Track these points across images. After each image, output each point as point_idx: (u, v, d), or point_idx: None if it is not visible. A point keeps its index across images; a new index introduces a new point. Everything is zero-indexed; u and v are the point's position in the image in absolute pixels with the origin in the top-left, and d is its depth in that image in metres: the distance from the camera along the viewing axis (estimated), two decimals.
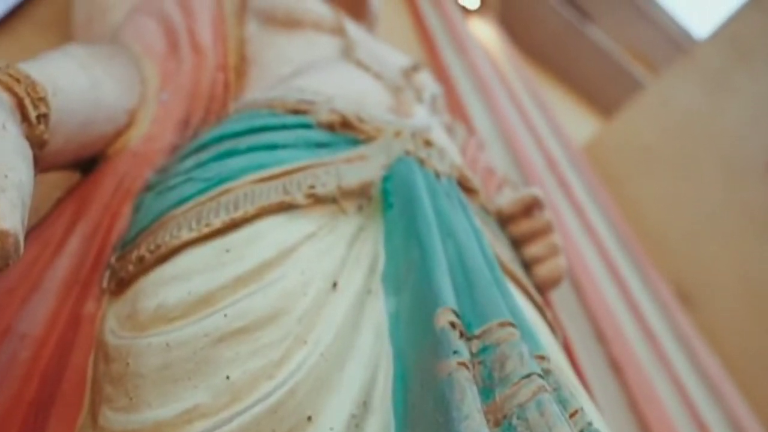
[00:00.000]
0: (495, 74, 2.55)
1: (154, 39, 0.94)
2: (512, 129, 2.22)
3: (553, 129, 2.52)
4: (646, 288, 2.13)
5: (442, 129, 1.06)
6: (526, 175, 2.03)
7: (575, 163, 2.39)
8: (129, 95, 0.82)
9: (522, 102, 2.54)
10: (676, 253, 2.55)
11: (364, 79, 0.95)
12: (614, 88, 3.91)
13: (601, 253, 2.00)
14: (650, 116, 2.79)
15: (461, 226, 0.70)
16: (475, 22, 2.97)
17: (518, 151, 2.10)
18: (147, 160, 0.80)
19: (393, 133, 0.82)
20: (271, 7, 1.11)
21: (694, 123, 2.61)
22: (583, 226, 2.03)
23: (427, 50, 2.53)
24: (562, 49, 3.77)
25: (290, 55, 1.02)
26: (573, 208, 2.11)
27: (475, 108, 2.23)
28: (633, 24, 4.06)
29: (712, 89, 2.59)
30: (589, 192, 2.29)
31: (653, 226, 2.63)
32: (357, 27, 1.27)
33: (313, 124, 0.79)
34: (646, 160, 2.76)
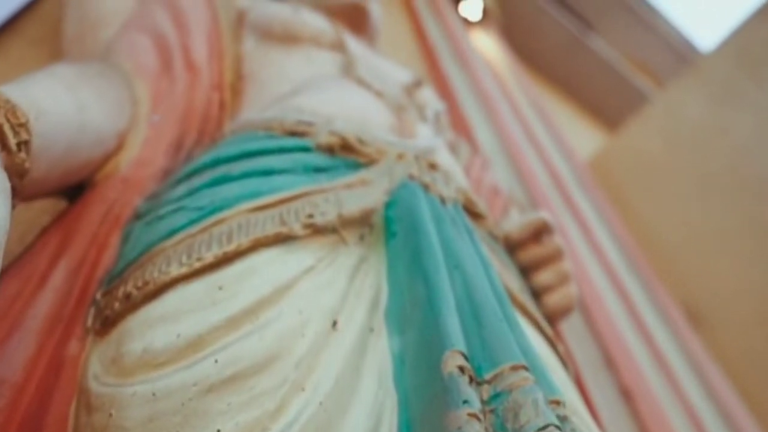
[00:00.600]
0: (498, 88, 2.53)
1: (147, 57, 0.92)
2: (516, 144, 2.19)
3: (558, 144, 2.49)
4: (655, 310, 2.09)
5: (446, 149, 1.03)
6: (531, 192, 2.00)
7: (581, 179, 2.36)
8: (119, 117, 0.79)
9: (525, 116, 2.51)
10: (685, 271, 2.52)
11: (365, 98, 0.93)
12: (618, 100, 3.89)
13: (609, 274, 1.96)
14: (657, 130, 2.76)
15: (468, 256, 0.67)
16: (477, 34, 2.95)
17: (522, 168, 2.08)
18: (137, 186, 0.77)
19: (396, 156, 0.79)
20: (268, 22, 1.09)
21: (702, 136, 2.58)
22: (589, 246, 2.00)
23: (429, 63, 2.51)
24: (565, 61, 3.76)
25: (288, 73, 1.00)
26: (579, 226, 2.08)
27: (478, 123, 2.21)
28: (636, 34, 4.05)
29: (719, 101, 2.56)
30: (595, 209, 2.26)
31: (661, 243, 2.59)
32: (357, 41, 1.25)
33: (312, 147, 0.77)
34: (653, 175, 2.73)
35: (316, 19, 1.14)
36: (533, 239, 0.93)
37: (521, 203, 1.56)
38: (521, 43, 3.49)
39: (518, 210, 1.48)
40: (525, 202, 1.99)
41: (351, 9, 1.35)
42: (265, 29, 1.08)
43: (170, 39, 0.96)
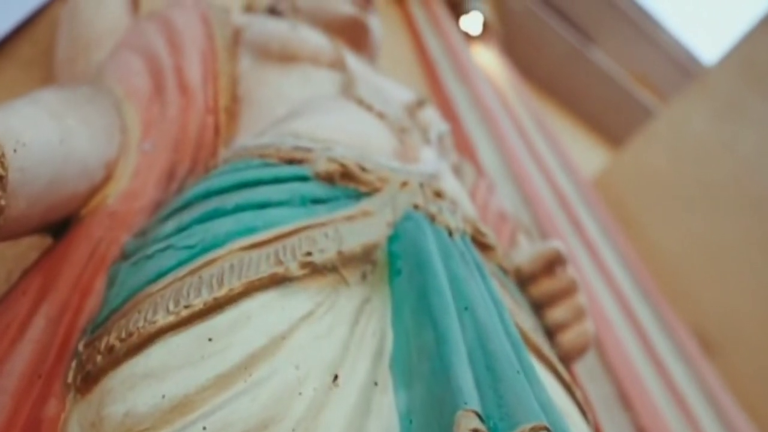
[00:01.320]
0: (500, 105, 2.49)
1: (138, 80, 0.87)
2: (520, 164, 2.15)
3: (563, 163, 2.45)
4: (668, 338, 2.03)
5: (451, 172, 0.98)
6: (536, 213, 1.96)
7: (587, 200, 2.32)
8: (107, 147, 0.75)
9: (528, 133, 2.47)
10: (695, 293, 2.46)
11: (366, 120, 0.88)
12: (620, 114, 3.86)
13: (619, 300, 1.91)
14: (662, 145, 2.71)
15: (479, 297, 0.62)
16: (477, 49, 2.92)
17: (527, 188, 2.03)
18: (125, 220, 0.72)
19: (399, 184, 0.74)
20: (265, 40, 1.05)
21: (708, 152, 2.53)
22: (598, 270, 1.95)
23: (430, 79, 2.47)
24: (567, 75, 3.72)
25: (286, 93, 0.95)
26: (587, 249, 2.03)
27: (481, 141, 2.17)
28: (636, 47, 4.02)
29: (726, 116, 2.51)
30: (603, 231, 2.21)
31: (669, 263, 2.54)
32: (357, 59, 1.21)
33: (310, 175, 0.72)
34: (659, 193, 2.68)
35: (315, 36, 1.09)
36: (546, 272, 0.88)
37: (527, 227, 1.51)
38: (521, 56, 3.45)
39: (525, 235, 1.44)
40: (530, 224, 1.94)
41: (351, 25, 1.31)
42: (262, 48, 1.03)
43: (163, 60, 0.91)
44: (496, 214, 1.26)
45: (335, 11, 1.31)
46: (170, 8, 1.05)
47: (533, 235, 1.68)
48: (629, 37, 3.93)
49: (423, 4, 2.83)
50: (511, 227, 1.26)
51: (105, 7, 1.04)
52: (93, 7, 1.03)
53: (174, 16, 1.01)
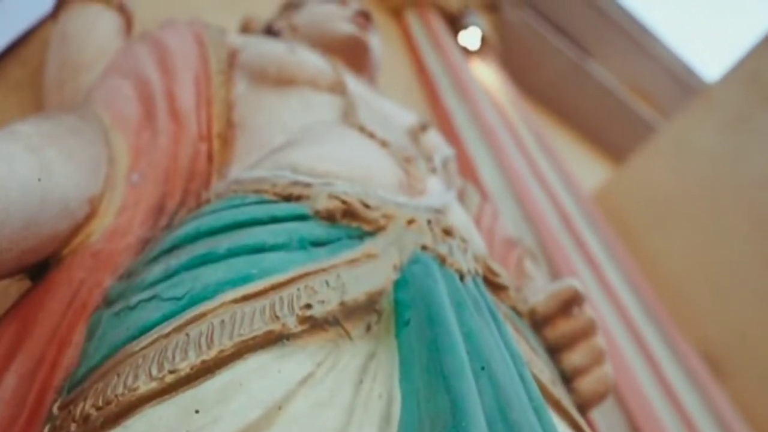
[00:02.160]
0: (501, 121, 2.44)
1: (127, 106, 0.82)
2: (522, 182, 2.09)
3: (564, 180, 2.39)
4: (675, 360, 1.97)
5: (458, 203, 0.92)
6: (539, 232, 1.90)
7: (590, 218, 2.26)
8: (91, 181, 0.69)
9: (529, 150, 2.42)
10: (701, 313, 2.39)
11: (368, 150, 0.82)
12: (619, 128, 3.81)
13: (625, 322, 1.85)
14: (665, 161, 2.65)
15: (496, 353, 0.56)
16: (476, 64, 2.87)
17: (530, 207, 1.97)
18: (110, 261, 0.66)
19: (405, 221, 0.69)
20: (261, 63, 0.99)
21: (713, 168, 2.47)
22: (603, 290, 1.89)
23: (429, 96, 2.42)
24: (565, 89, 3.68)
25: (283, 120, 0.89)
26: (591, 269, 1.97)
27: (482, 158, 2.11)
28: (634, 61, 3.98)
29: (731, 131, 2.45)
30: (607, 251, 2.15)
31: (672, 281, 2.47)
32: (358, 80, 1.15)
33: (309, 214, 0.66)
34: (662, 209, 2.62)
35: (314, 58, 1.04)
36: (562, 312, 0.82)
37: (532, 250, 1.45)
38: (519, 71, 3.41)
39: (531, 259, 1.38)
40: (534, 244, 1.88)
41: (351, 44, 1.26)
42: (258, 71, 0.98)
43: (154, 85, 0.86)
44: (502, 241, 1.20)
45: (335, 30, 1.25)
46: (163, 29, 0.99)
47: (538, 258, 1.62)
48: (626, 51, 3.90)
49: (421, 19, 2.78)
50: (517, 254, 1.20)
51: (96, 29, 0.98)
52: (83, 30, 0.98)
53: (166, 37, 0.95)
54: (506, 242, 1.21)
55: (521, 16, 3.29)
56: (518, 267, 1.19)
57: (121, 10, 1.07)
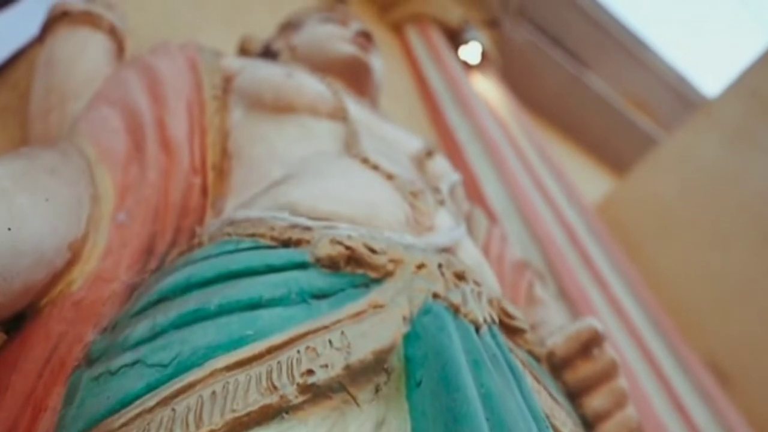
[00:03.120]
0: (503, 136, 2.38)
1: (114, 139, 0.75)
2: (526, 196, 2.03)
3: (568, 195, 2.33)
4: (685, 375, 1.91)
5: (468, 236, 0.86)
6: (544, 250, 1.83)
7: (595, 233, 2.20)
8: (72, 224, 0.62)
9: (533, 165, 2.35)
10: (706, 326, 2.33)
11: (373, 185, 0.76)
12: (620, 140, 3.76)
13: (634, 338, 1.79)
14: (667, 174, 2.60)
15: (517, 415, 0.50)
16: (476, 78, 2.81)
17: (535, 224, 1.91)
18: (93, 311, 0.60)
19: (415, 266, 0.62)
20: (258, 88, 0.93)
21: (716, 181, 2.41)
22: (610, 307, 1.83)
23: (431, 111, 2.37)
24: (564, 102, 3.62)
25: (281, 151, 0.83)
26: (597, 284, 1.91)
27: (486, 174, 2.05)
28: (632, 73, 3.93)
29: (734, 144, 2.40)
30: (613, 267, 2.08)
31: (679, 296, 2.41)
32: (359, 104, 1.08)
33: (310, 261, 0.60)
34: (665, 222, 2.56)
35: (313, 82, 0.97)
36: (582, 354, 0.75)
37: (540, 271, 1.39)
38: (519, 84, 3.35)
39: (539, 280, 1.31)
40: (540, 262, 1.82)
41: (352, 65, 1.19)
42: (255, 97, 0.91)
43: (144, 115, 0.80)
44: (512, 267, 1.14)
45: (335, 51, 1.19)
46: (154, 53, 0.93)
47: (546, 278, 1.56)
48: (624, 64, 3.85)
49: (421, 34, 2.72)
50: (528, 280, 1.14)
51: (84, 54, 0.92)
52: (71, 55, 0.92)
53: (157, 62, 0.89)
54: (516, 268, 1.15)
55: (520, 31, 3.23)
56: (529, 293, 1.14)
57: (111, 33, 1.00)
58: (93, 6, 1.00)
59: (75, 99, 0.86)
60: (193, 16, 1.59)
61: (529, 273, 1.17)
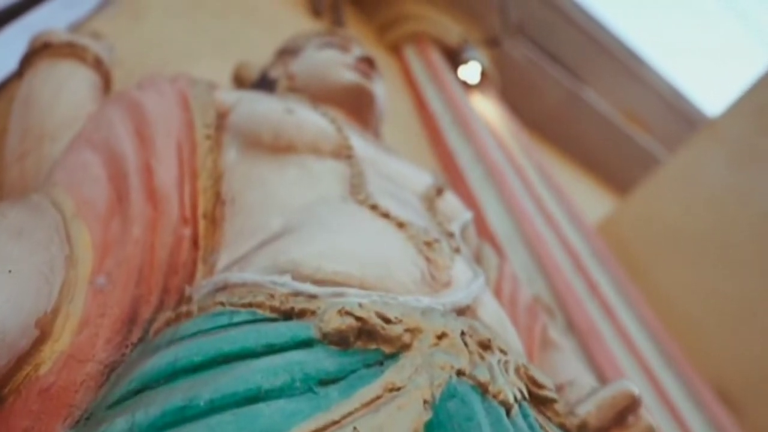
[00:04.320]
0: (505, 158, 2.30)
1: (95, 189, 0.67)
2: (530, 222, 1.95)
3: (572, 219, 2.24)
4: (692, 401, 1.83)
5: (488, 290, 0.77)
6: (550, 279, 1.75)
7: (601, 258, 2.11)
8: (41, 296, 0.53)
9: (535, 187, 2.27)
10: (715, 353, 2.24)
11: (383, 236, 0.67)
12: (620, 158, 3.69)
13: (642, 367, 1.70)
14: (671, 194, 2.52)
15: None
16: (476, 98, 2.73)
17: (540, 251, 1.83)
18: (63, 401, 0.51)
19: (435, 337, 0.53)
20: (255, 126, 0.84)
21: (723, 200, 2.33)
22: (618, 336, 1.74)
23: (431, 133, 2.29)
24: (564, 120, 3.55)
25: (281, 197, 0.74)
26: (603, 311, 1.82)
27: (488, 199, 1.96)
28: (630, 89, 3.87)
29: (740, 162, 2.32)
30: (618, 291, 2.00)
31: (685, 320, 2.32)
32: (363, 137, 1.00)
33: (315, 337, 0.51)
34: (669, 242, 2.48)
35: (315, 118, 0.89)
36: (617, 423, 0.66)
37: (550, 308, 1.30)
38: (518, 102, 3.29)
39: (550, 318, 1.23)
40: (545, 290, 1.73)
41: (354, 94, 1.11)
42: (252, 136, 0.83)
43: (128, 160, 0.71)
44: (525, 310, 1.05)
45: (336, 79, 1.11)
46: (142, 88, 0.85)
47: (555, 313, 1.48)
48: (623, 80, 3.79)
49: (420, 54, 2.65)
50: (541, 324, 1.06)
51: (66, 90, 0.83)
52: (52, 91, 0.83)
53: (145, 99, 0.80)
54: (529, 310, 1.06)
55: (520, 49, 3.17)
56: (544, 337, 1.05)
57: (97, 66, 0.92)
58: (77, 37, 0.92)
59: (54, 141, 0.78)
60: (187, 42, 1.51)
61: (542, 316, 1.08)
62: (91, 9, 1.30)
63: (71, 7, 1.26)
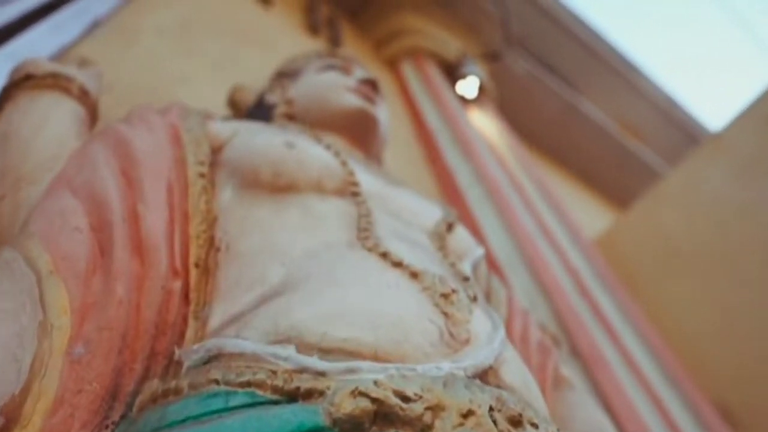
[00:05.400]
0: (504, 175, 2.23)
1: (74, 243, 0.59)
2: (532, 242, 1.88)
3: (572, 235, 2.17)
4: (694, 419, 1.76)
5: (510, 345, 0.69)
6: (553, 302, 1.68)
7: (602, 276, 2.04)
8: (7, 377, 0.46)
9: (534, 204, 2.20)
10: (717, 369, 2.18)
11: (397, 290, 0.59)
12: (617, 170, 3.63)
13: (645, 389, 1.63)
14: (673, 207, 2.45)
15: None
16: (473, 113, 2.67)
17: (540, 271, 1.75)
18: None
19: (459, 416, 0.46)
20: (253, 163, 0.76)
21: (728, 213, 2.26)
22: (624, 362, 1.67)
23: (429, 151, 2.21)
24: (562, 132, 3.49)
25: (281, 244, 0.66)
26: (607, 335, 1.75)
27: (488, 219, 1.89)
28: (627, 100, 3.82)
29: (745, 175, 2.26)
30: (622, 313, 1.93)
31: (686, 336, 2.26)
32: (367, 169, 0.92)
33: (325, 425, 0.43)
34: (671, 257, 2.41)
35: (318, 152, 0.81)
36: None
37: (556, 336, 1.23)
38: (516, 115, 3.22)
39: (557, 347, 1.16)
40: (548, 313, 1.66)
41: (357, 120, 1.04)
42: (250, 174, 0.75)
43: (113, 206, 0.63)
44: (537, 348, 0.98)
45: (338, 104, 1.04)
46: (130, 123, 0.77)
47: (561, 342, 1.40)
48: (620, 92, 3.73)
49: (417, 69, 2.58)
50: (553, 362, 0.99)
51: (48, 127, 0.75)
52: (32, 128, 0.75)
53: (133, 135, 0.73)
54: (541, 347, 0.99)
55: (521, 63, 3.10)
56: (556, 375, 0.99)
57: (83, 97, 0.84)
58: (61, 67, 0.84)
59: (32, 184, 0.70)
60: (180, 65, 1.43)
61: (554, 352, 1.01)
62: (80, 33, 1.23)
63: (58, 31, 1.19)
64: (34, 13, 1.21)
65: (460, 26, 2.73)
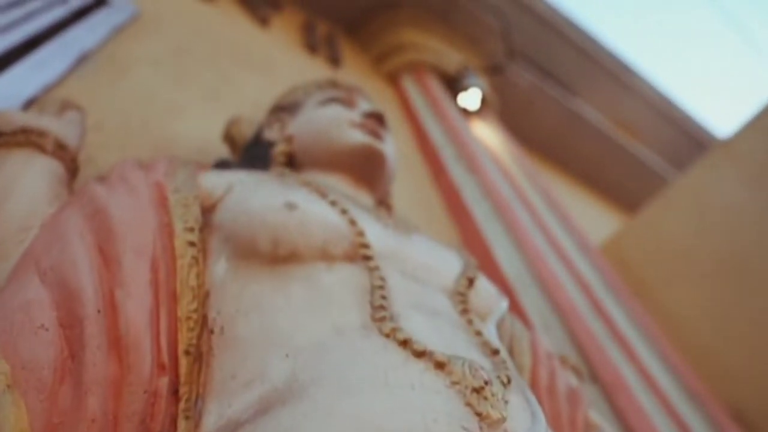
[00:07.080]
0: (511, 189, 2.12)
1: (38, 345, 0.48)
2: (539, 257, 1.76)
3: (581, 246, 2.06)
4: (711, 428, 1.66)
5: None
6: (564, 318, 1.57)
7: (614, 289, 1.93)
8: None
9: (542, 217, 2.09)
10: (728, 376, 2.08)
11: (421, 392, 0.48)
12: (622, 175, 3.52)
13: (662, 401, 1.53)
14: (681, 214, 2.35)
15: None
16: (477, 125, 2.56)
17: (554, 292, 1.64)
18: None
19: None
20: (250, 229, 0.64)
21: (737, 220, 2.17)
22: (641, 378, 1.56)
23: (434, 168, 2.10)
24: (565, 139, 3.38)
25: (283, 330, 0.55)
26: (624, 353, 1.65)
27: (496, 237, 1.78)
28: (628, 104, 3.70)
29: (753, 183, 2.15)
30: (637, 327, 1.82)
31: (697, 343, 2.15)
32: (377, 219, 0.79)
33: None
34: (679, 264, 2.31)
35: (322, 210, 0.69)
36: None
37: (579, 369, 1.12)
38: (519, 124, 3.12)
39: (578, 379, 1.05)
40: (562, 333, 1.55)
41: (363, 156, 0.93)
42: (246, 242, 0.63)
43: (86, 296, 0.52)
44: (566, 398, 0.87)
45: (341, 142, 0.93)
46: (109, 185, 0.66)
47: (583, 374, 1.30)
48: (621, 96, 3.62)
49: (418, 83, 2.47)
50: (583, 412, 0.88)
51: (17, 192, 0.64)
52: None
53: (111, 203, 0.62)
54: (569, 398, 0.88)
55: (523, 74, 2.99)
56: (587, 424, 0.88)
57: (58, 152, 0.73)
58: (34, 120, 0.73)
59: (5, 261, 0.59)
60: (173, 95, 1.32)
61: (583, 400, 0.90)
62: (65, 69, 1.12)
63: (42, 68, 1.08)
64: (15, 50, 1.10)
65: (460, 39, 2.62)
